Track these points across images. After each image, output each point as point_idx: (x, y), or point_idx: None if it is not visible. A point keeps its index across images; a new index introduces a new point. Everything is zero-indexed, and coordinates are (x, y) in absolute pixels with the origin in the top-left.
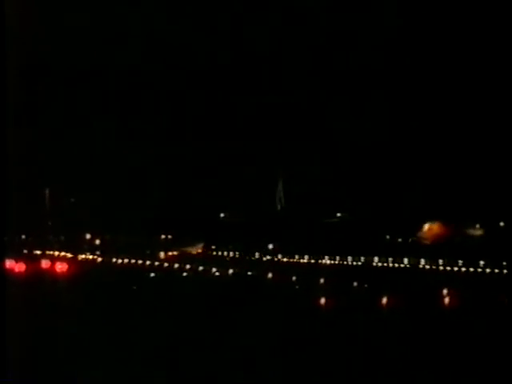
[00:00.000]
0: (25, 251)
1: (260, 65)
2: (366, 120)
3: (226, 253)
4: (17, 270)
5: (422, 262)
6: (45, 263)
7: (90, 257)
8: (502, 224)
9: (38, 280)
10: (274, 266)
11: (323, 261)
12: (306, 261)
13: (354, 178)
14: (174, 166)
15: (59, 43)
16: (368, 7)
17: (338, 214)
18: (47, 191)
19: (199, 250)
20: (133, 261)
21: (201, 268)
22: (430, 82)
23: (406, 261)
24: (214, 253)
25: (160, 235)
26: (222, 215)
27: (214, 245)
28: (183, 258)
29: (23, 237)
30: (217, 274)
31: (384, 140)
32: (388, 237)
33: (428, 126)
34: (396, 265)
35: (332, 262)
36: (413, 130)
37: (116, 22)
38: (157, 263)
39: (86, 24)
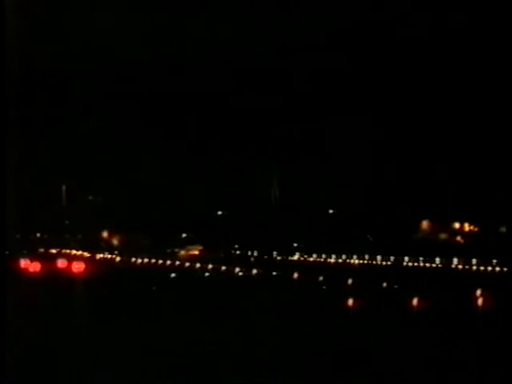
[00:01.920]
0: (40, 250)
1: (255, 64)
2: (363, 117)
3: (250, 252)
4: (32, 269)
5: (455, 261)
6: (61, 263)
7: (108, 256)
8: None
9: (54, 280)
10: (298, 265)
11: (351, 260)
12: (333, 260)
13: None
14: (177, 166)
15: (64, 43)
16: (368, 7)
17: (331, 211)
18: (64, 188)
19: (196, 252)
20: (153, 260)
21: (223, 268)
22: (429, 79)
23: (437, 260)
24: (238, 252)
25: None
26: (219, 213)
27: (213, 246)
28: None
29: (38, 235)
30: (240, 273)
31: (398, 136)
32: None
33: (445, 123)
34: (427, 265)
35: (360, 261)
36: (426, 124)
37: (116, 23)
38: (178, 263)
39: (89, 24)
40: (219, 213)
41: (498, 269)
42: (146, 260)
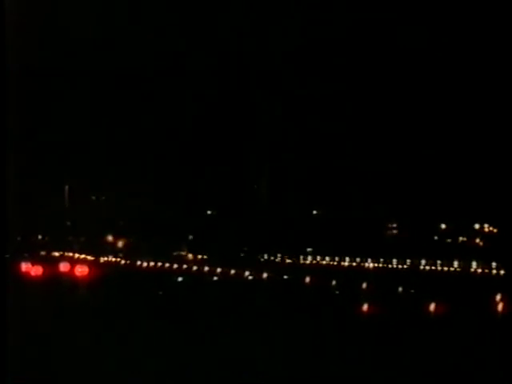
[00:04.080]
0: (42, 253)
1: (248, 62)
2: (359, 118)
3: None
4: (33, 273)
5: (474, 265)
6: (64, 266)
7: (113, 259)
8: None
9: (57, 284)
10: (311, 269)
11: (366, 264)
12: (346, 264)
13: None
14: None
15: (64, 43)
16: (369, 8)
17: (314, 212)
18: (66, 188)
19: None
20: (159, 264)
21: (233, 272)
22: (442, 79)
23: (456, 264)
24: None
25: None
26: (208, 212)
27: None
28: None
29: (40, 237)
30: (250, 277)
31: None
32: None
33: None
34: (445, 268)
35: (375, 265)
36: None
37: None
38: (185, 266)
39: (89, 24)
40: (208, 212)
41: None
42: (151, 263)
